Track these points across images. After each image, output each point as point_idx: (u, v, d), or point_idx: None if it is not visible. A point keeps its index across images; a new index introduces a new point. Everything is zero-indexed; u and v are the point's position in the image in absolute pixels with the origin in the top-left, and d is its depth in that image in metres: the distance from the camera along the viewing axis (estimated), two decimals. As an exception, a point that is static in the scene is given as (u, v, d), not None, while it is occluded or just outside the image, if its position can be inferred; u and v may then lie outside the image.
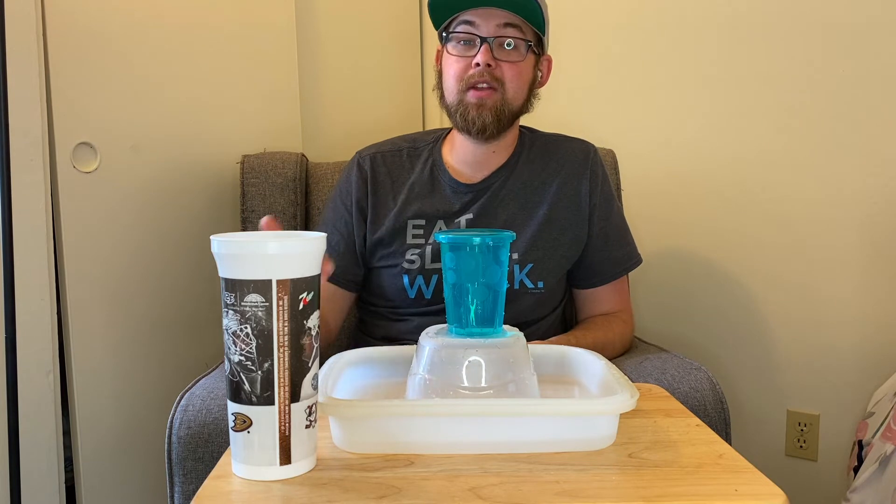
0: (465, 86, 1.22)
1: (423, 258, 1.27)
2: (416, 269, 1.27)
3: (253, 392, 0.68)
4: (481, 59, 1.20)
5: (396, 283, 1.28)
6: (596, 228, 1.33)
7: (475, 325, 0.85)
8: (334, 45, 1.97)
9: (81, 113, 1.47)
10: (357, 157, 1.37)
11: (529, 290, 1.28)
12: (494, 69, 1.21)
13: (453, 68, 1.24)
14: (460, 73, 1.23)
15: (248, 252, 0.67)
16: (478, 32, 1.21)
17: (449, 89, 1.26)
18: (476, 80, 1.21)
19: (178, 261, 1.64)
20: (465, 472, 0.70)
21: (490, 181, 1.31)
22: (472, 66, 1.21)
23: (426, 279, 1.27)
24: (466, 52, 1.23)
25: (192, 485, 1.06)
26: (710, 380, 1.19)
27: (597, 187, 1.33)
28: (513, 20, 1.21)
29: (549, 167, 1.33)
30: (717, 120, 1.76)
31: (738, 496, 0.65)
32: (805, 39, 1.64)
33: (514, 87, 1.24)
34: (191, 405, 1.10)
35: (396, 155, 1.36)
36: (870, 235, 1.61)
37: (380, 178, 1.33)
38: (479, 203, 1.30)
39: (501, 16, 1.21)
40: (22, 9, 1.34)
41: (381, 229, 1.30)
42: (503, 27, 1.21)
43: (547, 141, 1.37)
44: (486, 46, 1.21)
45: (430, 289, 1.27)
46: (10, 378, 1.30)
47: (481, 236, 0.84)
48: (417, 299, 1.28)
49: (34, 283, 1.38)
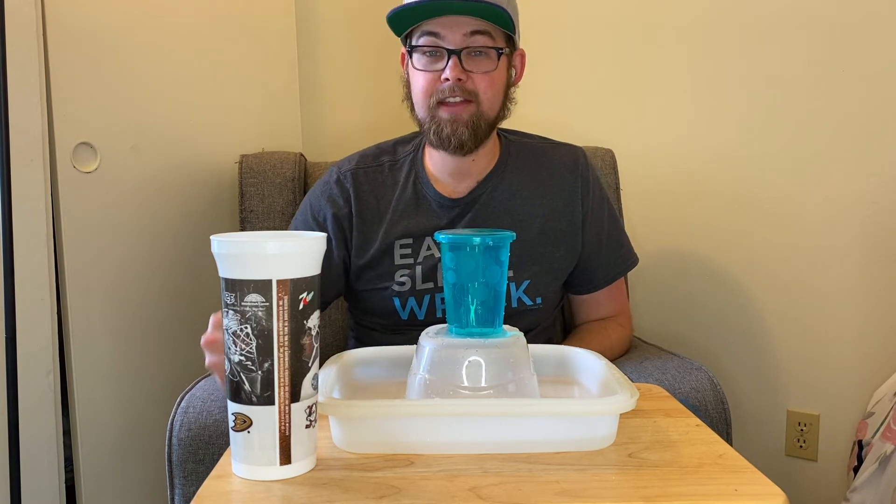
0: (435, 101, 1.15)
1: (413, 279, 1.22)
2: (406, 291, 1.22)
3: (253, 392, 0.68)
4: (451, 75, 1.12)
5: (387, 305, 1.23)
6: (589, 236, 1.27)
7: (475, 325, 0.85)
8: (334, 45, 1.97)
9: (81, 113, 1.47)
10: (336, 173, 1.28)
11: (529, 308, 1.23)
12: (466, 82, 1.13)
13: (420, 83, 1.16)
14: (429, 88, 1.15)
15: (248, 252, 0.67)
16: (444, 45, 1.12)
17: (418, 104, 1.18)
18: (446, 95, 1.13)
19: (178, 260, 1.64)
20: (465, 472, 0.70)
21: (477, 193, 1.24)
22: (442, 80, 1.13)
23: (418, 300, 1.22)
24: (433, 66, 1.14)
25: (192, 487, 1.06)
26: (711, 380, 1.19)
27: (588, 194, 1.27)
28: (480, 26, 1.12)
29: (539, 177, 1.27)
30: (716, 119, 1.76)
31: (738, 496, 0.65)
32: (805, 39, 1.64)
33: (488, 97, 1.16)
34: (191, 407, 1.10)
35: (378, 171, 1.27)
36: (870, 235, 1.61)
37: (363, 198, 1.25)
38: (468, 217, 1.23)
39: (467, 23, 1.12)
40: (22, 9, 1.34)
41: (368, 253, 1.23)
42: (470, 36, 1.12)
43: (534, 148, 1.30)
44: (454, 59, 1.12)
45: (423, 310, 1.22)
46: (10, 378, 1.30)
47: (481, 236, 0.84)
48: (411, 320, 1.23)
49: (34, 283, 1.38)
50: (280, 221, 1.58)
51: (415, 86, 1.18)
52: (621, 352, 1.32)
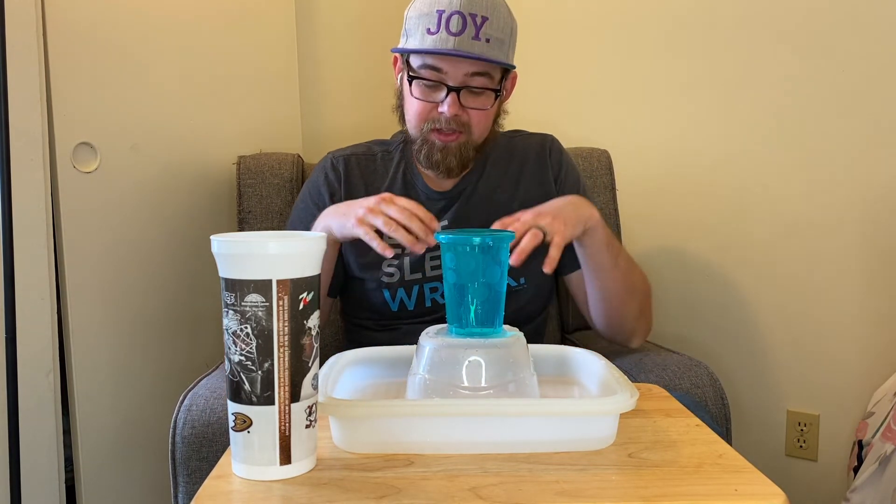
0: (428, 127, 1.21)
1: (401, 270, 1.25)
2: (395, 283, 1.25)
3: (253, 392, 0.68)
4: (448, 112, 1.18)
5: (377, 297, 1.26)
6: None
7: (475, 325, 0.85)
8: (334, 46, 1.97)
9: (81, 113, 1.47)
10: (330, 158, 1.33)
11: (514, 289, 1.26)
12: (461, 115, 1.20)
13: (417, 108, 1.21)
14: (424, 114, 1.21)
15: (248, 252, 0.67)
16: (446, 81, 1.18)
17: (411, 124, 1.24)
18: (441, 125, 1.20)
19: (178, 260, 1.64)
20: (465, 472, 0.70)
21: (461, 187, 1.29)
22: (438, 111, 1.19)
23: (407, 291, 1.25)
24: (431, 96, 1.20)
25: (196, 485, 1.06)
26: (711, 375, 1.19)
27: (560, 172, 1.32)
28: (481, 68, 1.18)
29: (513, 166, 1.32)
30: (713, 120, 1.76)
31: (738, 496, 0.65)
32: (805, 38, 1.63)
33: (479, 129, 1.23)
34: (194, 405, 1.10)
35: (371, 159, 1.33)
36: (870, 235, 1.61)
37: (353, 181, 1.30)
38: (453, 209, 1.28)
39: (470, 64, 1.17)
40: (22, 9, 1.34)
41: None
42: (471, 76, 1.18)
43: (509, 140, 1.35)
44: (453, 96, 1.18)
45: (413, 300, 1.25)
46: (10, 378, 1.30)
47: (481, 236, 0.84)
48: (401, 311, 1.26)
49: (34, 283, 1.38)
50: (278, 222, 1.58)
51: (410, 107, 1.23)
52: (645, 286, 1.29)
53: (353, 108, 1.98)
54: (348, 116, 1.98)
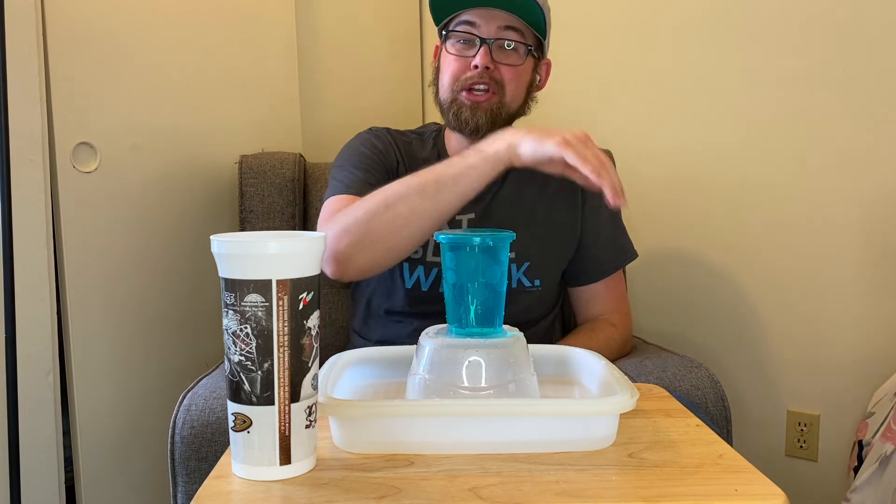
0: (460, 86, 1.22)
1: (425, 248, 1.26)
2: (417, 259, 1.25)
3: (253, 392, 0.68)
4: (480, 62, 1.19)
5: (395, 269, 1.26)
6: (589, 223, 1.32)
7: (475, 325, 0.85)
8: (334, 45, 1.97)
9: (81, 113, 1.47)
10: (373, 128, 1.34)
11: (527, 289, 1.27)
12: (493, 71, 1.21)
13: (451, 67, 1.23)
14: (457, 73, 1.22)
15: (248, 252, 0.67)
16: (478, 33, 1.20)
17: (444, 87, 1.25)
18: (473, 81, 1.21)
19: (178, 260, 1.64)
20: (465, 472, 0.70)
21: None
22: (471, 67, 1.21)
23: (426, 271, 1.26)
24: (465, 52, 1.22)
25: (195, 485, 1.06)
26: (711, 377, 1.19)
27: None
28: (514, 23, 1.20)
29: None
30: (715, 119, 1.76)
31: (738, 496, 0.65)
32: (806, 39, 1.64)
33: (512, 89, 1.23)
34: (194, 405, 1.10)
35: (407, 137, 1.35)
36: (870, 235, 1.61)
37: (399, 146, 1.31)
38: (482, 204, 1.28)
39: (503, 18, 1.20)
40: (22, 9, 1.34)
41: None
42: (504, 29, 1.20)
43: None
44: (485, 48, 1.20)
45: (429, 281, 1.26)
46: (10, 378, 1.30)
47: (481, 236, 0.84)
48: (414, 290, 1.26)
49: (34, 283, 1.38)
50: (280, 221, 1.58)
51: (444, 70, 1.25)
52: (611, 353, 1.26)
53: (354, 108, 1.98)
54: (349, 116, 1.98)
